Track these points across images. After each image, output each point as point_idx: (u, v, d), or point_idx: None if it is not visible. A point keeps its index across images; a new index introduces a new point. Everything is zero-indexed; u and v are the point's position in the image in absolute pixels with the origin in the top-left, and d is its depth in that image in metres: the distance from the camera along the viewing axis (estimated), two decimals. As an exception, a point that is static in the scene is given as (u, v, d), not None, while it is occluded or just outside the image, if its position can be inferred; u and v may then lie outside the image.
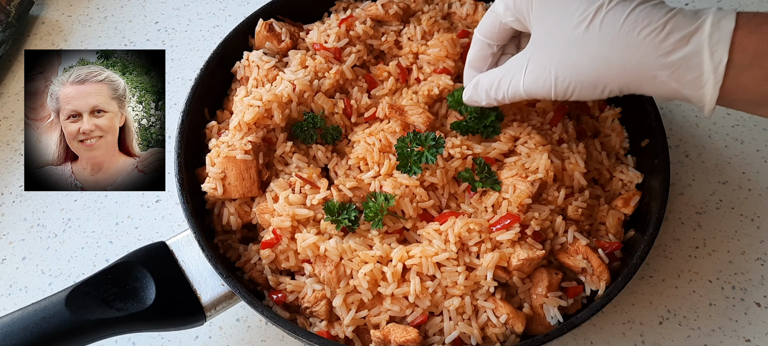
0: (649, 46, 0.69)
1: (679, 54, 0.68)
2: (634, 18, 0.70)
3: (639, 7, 0.70)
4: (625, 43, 0.70)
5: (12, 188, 1.14)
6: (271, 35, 1.07)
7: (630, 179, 0.99)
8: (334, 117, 1.00)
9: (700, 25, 0.67)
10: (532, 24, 0.79)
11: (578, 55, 0.73)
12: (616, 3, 0.71)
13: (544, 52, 0.76)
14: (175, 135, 0.97)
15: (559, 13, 0.74)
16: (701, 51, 0.67)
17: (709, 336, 0.98)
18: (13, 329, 0.80)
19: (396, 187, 0.91)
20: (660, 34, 0.68)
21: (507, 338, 0.86)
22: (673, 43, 0.68)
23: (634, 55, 0.70)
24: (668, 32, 0.68)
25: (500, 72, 0.83)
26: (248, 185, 0.93)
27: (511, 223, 0.87)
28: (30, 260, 1.07)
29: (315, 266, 0.88)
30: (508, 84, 0.82)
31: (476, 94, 0.88)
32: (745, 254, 1.05)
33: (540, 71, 0.77)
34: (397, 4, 1.08)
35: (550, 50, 0.76)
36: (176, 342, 0.99)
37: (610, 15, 0.71)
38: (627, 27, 0.70)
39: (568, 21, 0.73)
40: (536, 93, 0.79)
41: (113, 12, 1.39)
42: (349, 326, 0.86)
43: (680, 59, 0.68)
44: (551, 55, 0.76)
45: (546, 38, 0.76)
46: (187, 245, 0.91)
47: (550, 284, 0.88)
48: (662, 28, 0.68)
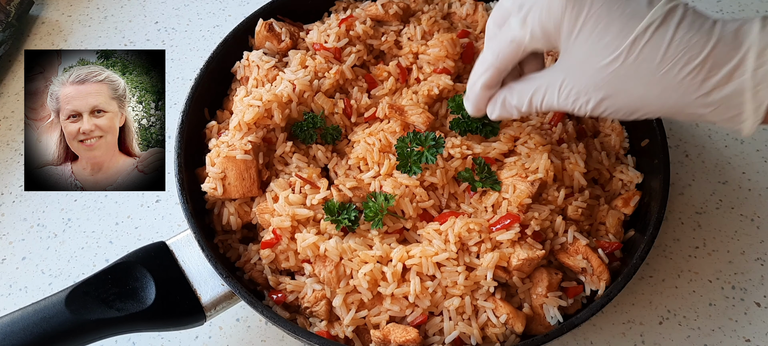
0: (688, 86, 0.66)
1: (720, 94, 0.65)
2: (673, 53, 0.65)
3: (678, 37, 0.65)
4: (664, 85, 0.67)
5: (12, 188, 1.14)
6: (271, 35, 1.07)
7: (630, 179, 0.99)
8: (334, 117, 1.00)
9: (743, 59, 0.63)
10: (561, 48, 0.75)
11: (613, 88, 0.70)
12: (652, 35, 0.66)
13: (578, 77, 0.73)
14: (175, 135, 0.97)
15: (592, 43, 0.70)
16: (743, 91, 0.64)
17: (709, 336, 0.98)
18: (13, 329, 0.80)
19: (396, 187, 0.91)
20: (700, 72, 0.65)
21: (507, 338, 0.86)
22: (714, 83, 0.65)
23: (673, 95, 0.67)
24: (709, 69, 0.64)
25: (530, 87, 0.79)
26: (248, 185, 0.93)
27: (511, 223, 0.87)
28: (30, 260, 1.07)
29: (315, 266, 0.88)
30: (541, 99, 0.78)
31: (505, 111, 0.83)
32: (745, 253, 1.05)
33: (576, 95, 0.74)
34: (397, 4, 1.08)
35: (584, 78, 0.72)
36: (176, 342, 0.99)
37: (646, 50, 0.67)
38: (665, 65, 0.66)
39: (602, 53, 0.69)
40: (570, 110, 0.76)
41: (113, 12, 1.39)
42: (349, 326, 0.86)
43: (721, 99, 0.65)
44: (586, 82, 0.72)
45: (579, 65, 0.72)
46: (187, 245, 0.91)
47: (550, 284, 0.88)
48: (702, 66, 0.65)
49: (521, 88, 0.80)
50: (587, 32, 0.70)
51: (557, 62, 0.77)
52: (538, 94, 0.78)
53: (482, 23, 1.09)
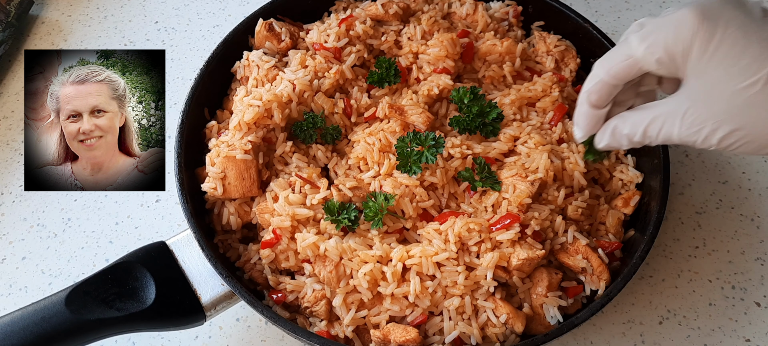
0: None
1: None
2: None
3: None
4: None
5: (12, 188, 1.14)
6: (271, 35, 1.07)
7: (630, 179, 0.99)
8: (334, 117, 1.00)
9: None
10: (688, 73, 0.70)
11: (749, 117, 0.66)
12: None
13: (706, 106, 0.68)
14: (175, 135, 0.97)
15: (725, 68, 0.66)
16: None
17: (709, 336, 0.98)
18: (13, 329, 0.80)
19: (396, 187, 0.91)
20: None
21: (507, 337, 0.86)
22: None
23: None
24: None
25: (646, 117, 0.73)
26: (248, 185, 0.93)
27: (511, 223, 0.87)
28: (30, 260, 1.07)
29: (315, 265, 0.88)
30: (657, 131, 0.72)
31: (615, 140, 0.78)
32: (745, 253, 1.05)
33: (700, 125, 0.69)
34: (397, 3, 1.08)
35: (713, 107, 0.67)
36: (176, 342, 0.99)
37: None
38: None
39: (737, 79, 0.65)
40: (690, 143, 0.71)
41: (113, 12, 1.39)
42: (349, 326, 0.86)
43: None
44: (715, 111, 0.67)
45: (708, 93, 0.68)
46: (187, 244, 0.91)
47: (550, 284, 0.88)
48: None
49: (636, 117, 0.75)
50: (721, 56, 0.66)
51: (681, 89, 0.72)
52: (656, 123, 0.72)
53: (482, 23, 1.09)
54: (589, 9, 1.37)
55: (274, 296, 0.90)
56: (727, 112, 0.67)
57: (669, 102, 0.72)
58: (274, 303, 0.90)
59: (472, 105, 0.97)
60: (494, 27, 1.10)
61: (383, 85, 1.02)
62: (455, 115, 0.98)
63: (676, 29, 0.68)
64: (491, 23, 1.10)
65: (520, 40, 1.11)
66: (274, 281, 0.91)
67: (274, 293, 0.90)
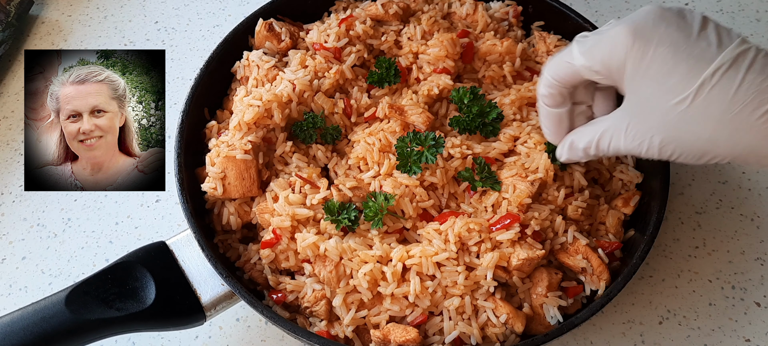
0: (759, 130, 0.64)
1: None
2: (742, 97, 0.64)
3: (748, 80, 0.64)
4: (732, 128, 0.65)
5: (12, 188, 1.14)
6: (271, 35, 1.07)
7: (630, 179, 0.99)
8: (334, 117, 1.00)
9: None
10: (625, 88, 0.73)
11: (681, 132, 0.69)
12: (721, 77, 0.65)
13: (644, 119, 0.71)
14: (175, 135, 0.97)
15: (657, 84, 0.69)
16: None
17: (709, 336, 0.98)
18: (13, 329, 0.80)
19: (396, 187, 0.91)
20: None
21: (507, 337, 0.86)
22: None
23: (744, 138, 0.66)
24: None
25: (596, 131, 0.78)
26: (248, 185, 0.93)
27: (511, 223, 0.87)
28: (30, 260, 1.07)
29: (315, 265, 0.88)
30: (607, 144, 0.77)
31: (574, 154, 0.83)
32: (745, 253, 1.05)
33: (641, 138, 0.72)
34: (397, 3, 1.08)
35: (649, 120, 0.71)
36: (176, 342, 0.99)
37: (715, 93, 0.65)
38: (734, 109, 0.64)
39: (668, 95, 0.68)
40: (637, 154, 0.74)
41: (113, 12, 1.39)
42: (349, 326, 0.86)
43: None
44: (652, 124, 0.71)
45: (644, 107, 0.71)
46: (187, 244, 0.91)
47: (550, 284, 0.88)
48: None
49: (589, 132, 0.79)
50: (653, 74, 0.69)
51: (622, 105, 0.75)
52: (605, 137, 0.77)
53: (482, 23, 1.09)
54: (589, 9, 1.37)
55: (274, 296, 0.90)
56: (662, 126, 0.70)
57: (615, 116, 0.76)
58: (274, 303, 0.90)
59: (472, 105, 0.97)
60: (494, 27, 1.10)
61: (383, 85, 1.02)
62: (455, 115, 0.98)
63: (611, 47, 0.71)
64: (491, 23, 1.10)
65: (520, 40, 1.11)
66: (274, 281, 0.91)
67: (274, 293, 0.90)
